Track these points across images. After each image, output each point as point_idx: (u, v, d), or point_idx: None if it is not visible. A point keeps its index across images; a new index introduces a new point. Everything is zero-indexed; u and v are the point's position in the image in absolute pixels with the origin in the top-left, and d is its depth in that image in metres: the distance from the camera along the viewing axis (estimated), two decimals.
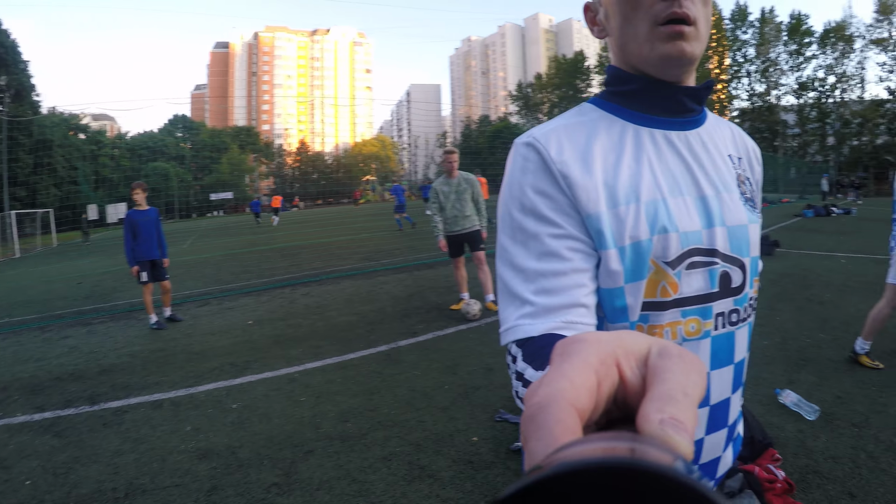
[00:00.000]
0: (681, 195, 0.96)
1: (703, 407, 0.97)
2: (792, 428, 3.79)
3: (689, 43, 0.91)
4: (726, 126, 1.14)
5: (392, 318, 7.08)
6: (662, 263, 0.92)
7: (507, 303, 0.89)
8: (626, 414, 0.31)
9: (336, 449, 3.65)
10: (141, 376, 5.32)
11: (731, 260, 0.98)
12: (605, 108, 1.02)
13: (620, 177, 0.93)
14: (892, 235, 4.97)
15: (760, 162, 1.19)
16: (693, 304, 0.94)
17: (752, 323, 1.07)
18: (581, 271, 0.88)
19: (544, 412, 0.28)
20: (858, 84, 59.99)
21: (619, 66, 1.03)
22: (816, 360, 5.11)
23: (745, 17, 66.95)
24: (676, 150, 0.99)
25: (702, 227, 0.95)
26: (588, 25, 1.07)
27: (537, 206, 0.90)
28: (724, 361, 0.98)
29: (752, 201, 1.08)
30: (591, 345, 0.32)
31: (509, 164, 0.97)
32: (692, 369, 0.31)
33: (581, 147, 0.94)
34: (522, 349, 0.81)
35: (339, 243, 17.95)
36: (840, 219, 21.78)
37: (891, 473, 3.19)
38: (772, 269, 9.90)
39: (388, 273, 10.93)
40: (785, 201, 36.95)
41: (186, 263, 14.85)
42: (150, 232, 7.60)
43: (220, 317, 7.75)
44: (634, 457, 0.22)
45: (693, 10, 0.90)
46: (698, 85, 1.02)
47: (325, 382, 4.89)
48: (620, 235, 0.90)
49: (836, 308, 6.98)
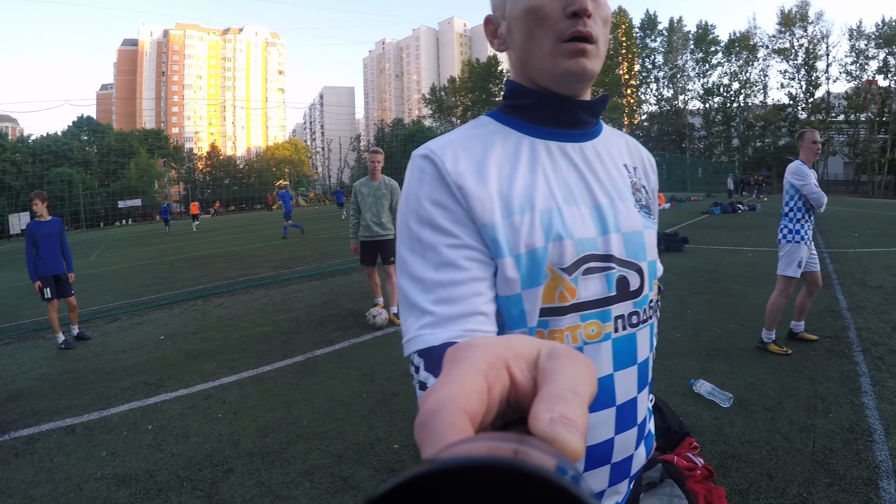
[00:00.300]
0: (575, 204, 0.99)
1: (610, 407, 1.00)
2: (708, 416, 4.03)
3: (590, 60, 0.97)
4: (621, 137, 1.19)
5: (308, 328, 7.12)
6: (559, 270, 0.95)
7: (407, 313, 0.91)
8: (521, 416, 0.31)
9: (256, 466, 3.67)
10: (51, 400, 5.18)
11: (628, 264, 1.02)
12: (501, 120, 1.05)
13: (515, 187, 0.95)
14: (780, 229, 5.37)
15: (655, 171, 1.25)
16: (592, 308, 0.97)
17: (654, 324, 1.13)
18: (479, 280, 0.91)
19: (436, 417, 0.28)
20: (761, 90, 63.64)
21: (517, 81, 1.06)
22: (728, 349, 5.47)
23: (654, 26, 69.73)
24: (571, 160, 1.03)
25: (597, 233, 0.99)
26: (488, 38, 1.10)
27: (434, 217, 0.92)
28: (627, 362, 1.01)
29: (648, 208, 1.14)
30: (481, 350, 0.33)
31: (407, 176, 0.99)
32: (581, 368, 0.32)
33: (477, 159, 0.97)
34: (424, 359, 0.84)
35: (252, 251, 17.71)
36: (745, 215, 23.10)
37: (806, 452, 3.45)
38: (682, 265, 10.46)
39: (302, 281, 10.93)
40: (693, 199, 38.29)
41: (94, 276, 14.29)
42: (53, 245, 7.25)
43: (132, 333, 7.58)
44: (517, 458, 0.23)
45: (595, 29, 0.96)
46: (593, 99, 1.07)
47: (242, 397, 4.90)
48: (516, 244, 0.93)
49: (745, 299, 7.50)
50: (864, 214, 22.85)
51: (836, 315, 6.58)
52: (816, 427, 3.77)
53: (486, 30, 1.10)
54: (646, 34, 70.25)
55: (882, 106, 52.35)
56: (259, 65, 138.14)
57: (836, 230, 16.31)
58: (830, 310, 6.82)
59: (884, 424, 3.78)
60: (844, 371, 4.78)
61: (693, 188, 52.80)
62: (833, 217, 20.59)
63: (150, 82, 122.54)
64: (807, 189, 5.16)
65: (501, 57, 18.98)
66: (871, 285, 8.18)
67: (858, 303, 7.12)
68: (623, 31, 70.03)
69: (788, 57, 59.89)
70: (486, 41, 1.89)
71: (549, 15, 0.95)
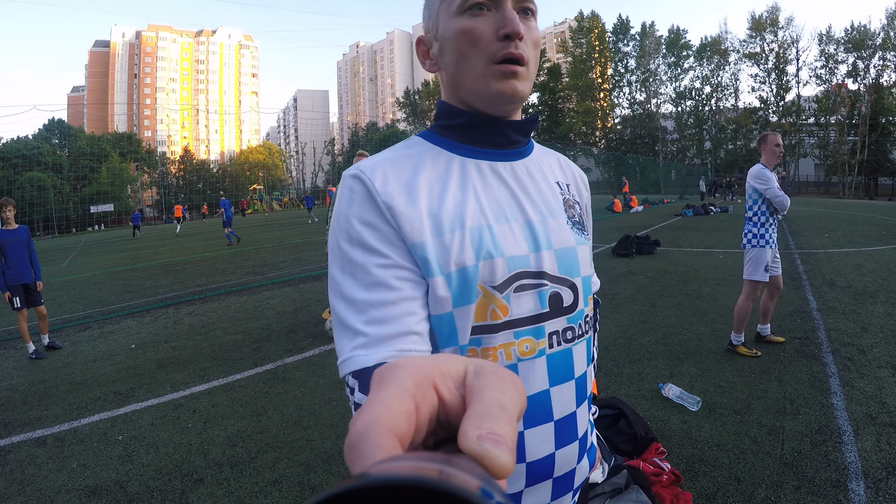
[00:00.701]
0: (507, 221, 0.99)
1: (548, 423, 0.99)
2: (676, 420, 4.04)
3: (521, 82, 0.98)
4: (553, 155, 1.21)
5: (279, 335, 7.08)
6: (490, 288, 0.95)
7: (341, 334, 0.91)
8: (452, 433, 0.32)
9: (226, 475, 3.66)
10: (22, 411, 5.10)
11: (561, 281, 1.02)
12: (433, 140, 1.07)
13: (445, 206, 0.96)
14: (744, 233, 5.41)
15: (588, 187, 1.26)
16: (525, 324, 0.97)
17: (592, 338, 1.14)
18: (411, 299, 0.90)
19: (364, 439, 0.28)
20: (732, 94, 64.55)
21: (448, 101, 1.08)
22: (697, 352, 5.50)
23: (626, 31, 70.47)
24: (502, 179, 1.04)
25: (529, 250, 0.99)
26: (420, 59, 1.11)
27: (364, 236, 0.92)
28: (563, 378, 1.01)
29: (581, 224, 1.14)
30: (407, 370, 0.33)
31: (338, 196, 0.99)
32: (508, 385, 0.33)
33: (406, 178, 0.97)
34: (359, 380, 0.84)
35: (224, 257, 17.57)
36: (718, 217, 23.28)
37: (774, 455, 3.47)
38: (653, 268, 10.56)
39: (274, 287, 10.86)
40: (666, 202, 38.64)
41: (65, 284, 14.10)
42: (21, 253, 7.12)
43: (102, 341, 7.49)
44: (440, 478, 0.23)
45: (526, 52, 0.97)
46: (524, 118, 1.08)
47: (212, 406, 4.86)
48: (446, 262, 0.93)
49: (715, 301, 7.57)
50: (834, 215, 23.20)
51: (805, 316, 6.66)
52: (785, 429, 3.80)
53: (417, 50, 1.11)
54: (618, 38, 70.89)
55: (851, 109, 53.36)
56: (232, 67, 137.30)
57: (806, 231, 16.54)
58: (800, 311, 6.90)
59: (853, 425, 3.82)
60: (814, 372, 4.83)
61: (666, 191, 53.43)
62: (804, 218, 20.93)
63: (123, 84, 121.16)
64: (770, 193, 5.21)
65: None
66: (841, 285, 8.30)
67: (828, 303, 7.22)
68: (596, 36, 70.59)
69: (759, 61, 60.81)
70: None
71: (481, 37, 0.96)
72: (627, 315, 7.09)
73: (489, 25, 0.96)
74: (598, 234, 17.64)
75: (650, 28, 68.29)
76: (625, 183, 35.27)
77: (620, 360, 5.39)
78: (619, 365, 5.27)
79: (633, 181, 51.45)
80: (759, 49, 60.86)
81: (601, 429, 3.47)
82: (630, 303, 7.75)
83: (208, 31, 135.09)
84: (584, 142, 71.03)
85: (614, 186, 42.55)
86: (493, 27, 0.96)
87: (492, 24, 0.96)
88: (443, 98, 1.11)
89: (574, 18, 74.42)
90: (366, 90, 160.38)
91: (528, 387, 0.97)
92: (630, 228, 17.58)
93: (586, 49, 70.95)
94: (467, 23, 0.96)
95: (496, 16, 0.96)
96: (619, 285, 9.11)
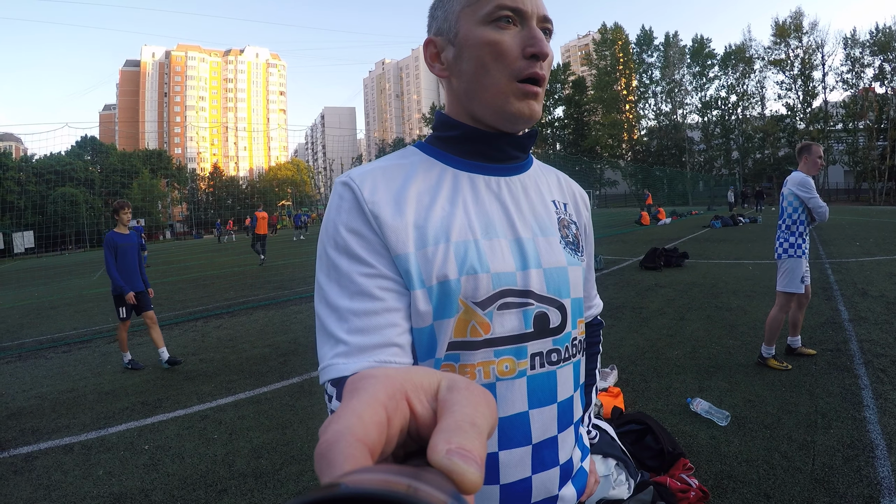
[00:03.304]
0: (495, 237, 0.97)
1: (525, 446, 0.97)
2: (705, 435, 3.96)
3: (538, 103, 0.98)
4: (552, 173, 1.20)
5: (305, 349, 7.08)
6: (472, 303, 0.93)
7: (323, 341, 0.91)
8: (422, 446, 0.32)
9: (250, 487, 3.66)
10: (51, 419, 5.19)
11: (548, 301, 0.99)
12: (427, 151, 1.06)
13: (432, 218, 0.95)
14: (779, 243, 5.28)
15: (588, 206, 1.24)
16: (506, 343, 0.95)
17: (581, 361, 1.10)
18: (393, 311, 0.90)
19: (333, 449, 0.28)
20: (759, 102, 63.81)
21: (449, 111, 1.07)
22: (727, 366, 5.40)
23: (650, 41, 70.05)
24: (495, 194, 1.02)
25: (516, 268, 0.97)
26: (427, 61, 1.08)
27: (350, 244, 0.91)
28: (544, 401, 0.98)
29: (575, 244, 1.11)
30: (380, 381, 0.33)
31: (329, 202, 0.99)
32: (480, 401, 0.33)
33: (396, 189, 0.96)
34: (337, 388, 0.84)
35: (253, 271, 17.72)
36: (747, 227, 22.96)
37: (805, 471, 3.37)
38: (682, 280, 10.43)
39: (301, 301, 10.89)
40: (694, 213, 38.45)
41: (95, 296, 14.31)
42: (132, 259, 6.83)
43: (132, 353, 7.43)
44: (408, 492, 0.23)
45: (546, 74, 0.98)
46: (523, 134, 1.06)
47: (238, 418, 4.88)
48: (428, 275, 0.92)
49: (745, 313, 7.44)
50: (865, 223, 22.78)
51: (837, 327, 6.51)
52: (816, 444, 3.71)
53: (425, 51, 1.08)
54: (642, 49, 70.50)
55: (880, 113, 52.35)
56: (260, 86, 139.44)
57: (837, 240, 16.21)
58: (832, 322, 6.75)
59: (886, 439, 3.72)
60: (846, 385, 4.72)
61: (694, 202, 52.94)
62: (834, 226, 20.51)
63: (153, 103, 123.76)
64: (813, 202, 5.06)
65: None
66: (874, 295, 8.11)
67: (860, 313, 7.06)
68: (620, 47, 70.36)
69: (784, 68, 59.98)
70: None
71: (507, 52, 0.95)
72: (655, 329, 7.01)
73: (516, 41, 0.95)
74: (626, 246, 17.54)
75: (674, 38, 67.80)
76: (647, 195, 35.09)
77: (648, 375, 5.31)
78: (647, 379, 5.20)
79: (661, 193, 51.13)
80: (783, 55, 60.04)
81: (627, 444, 3.43)
82: (658, 316, 7.67)
83: (236, 51, 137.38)
84: (611, 154, 70.71)
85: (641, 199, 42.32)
86: (520, 44, 0.95)
87: (518, 41, 0.95)
88: (446, 105, 1.10)
89: (597, 31, 74.33)
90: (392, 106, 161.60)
91: (506, 407, 0.95)
92: (658, 241, 17.46)
93: (610, 61, 70.71)
94: (494, 34, 0.95)
95: (522, 32, 0.96)
96: (647, 298, 9.01)
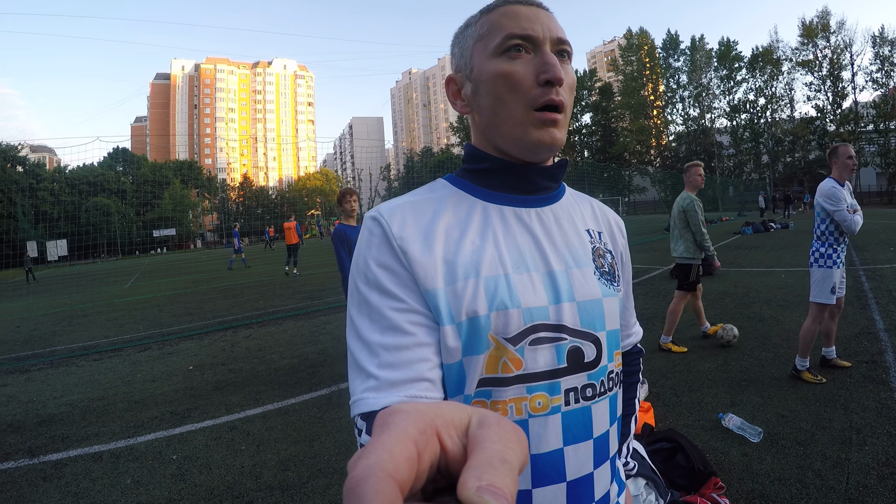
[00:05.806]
0: (527, 271, 0.96)
1: (560, 483, 0.94)
2: (737, 452, 3.86)
3: (560, 130, 0.96)
4: (586, 201, 1.18)
5: (334, 360, 7.10)
6: (502, 339, 0.91)
7: (354, 375, 0.89)
8: (451, 483, 0.31)
9: (276, 499, 3.65)
10: (80, 427, 5.25)
11: (582, 335, 0.97)
12: (457, 184, 1.05)
13: (462, 253, 0.93)
14: (811, 252, 5.20)
15: (624, 234, 1.21)
16: (539, 379, 0.93)
17: (618, 394, 1.07)
18: (424, 345, 0.88)
19: (363, 485, 0.28)
20: (788, 104, 63.05)
21: (477, 144, 1.06)
22: (759, 379, 5.29)
23: (676, 46, 69.61)
24: (526, 226, 1.00)
25: (548, 302, 0.95)
26: (450, 99, 1.09)
27: (380, 279, 0.91)
28: (579, 437, 0.96)
29: (611, 275, 1.08)
30: (411, 416, 0.33)
31: (359, 237, 0.98)
32: (511, 437, 0.33)
33: (425, 224, 0.95)
34: (367, 422, 0.82)
35: (282, 281, 17.83)
36: (779, 233, 22.59)
37: (839, 490, 3.27)
38: (712, 290, 10.23)
39: (331, 312, 10.92)
40: (725, 220, 38.05)
41: (127, 305, 14.56)
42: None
43: (162, 362, 7.65)
44: None
45: (565, 98, 0.95)
46: (552, 164, 1.06)
47: (266, 429, 4.89)
48: (458, 311, 0.90)
49: (777, 324, 7.29)
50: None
51: (872, 337, 6.35)
52: (851, 461, 3.61)
53: (447, 90, 1.09)
54: (669, 54, 70.19)
55: None
56: (289, 97, 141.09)
57: (871, 245, 15.80)
58: (867, 332, 6.59)
59: None
60: (881, 399, 4.59)
61: (724, 208, 52.35)
62: (867, 231, 19.94)
63: (183, 115, 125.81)
64: (839, 216, 4.95)
65: None
66: None
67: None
68: (646, 52, 70.05)
69: (813, 69, 59.16)
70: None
71: (520, 82, 0.94)
72: (686, 341, 6.91)
73: (528, 69, 0.94)
74: (656, 255, 17.36)
75: (700, 41, 67.42)
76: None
77: (679, 389, 5.23)
78: (678, 393, 5.12)
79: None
80: (811, 56, 59.31)
81: (657, 462, 3.38)
82: (689, 327, 7.53)
83: (264, 63, 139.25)
84: (639, 161, 70.30)
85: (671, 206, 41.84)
86: (534, 71, 0.94)
87: (531, 69, 0.94)
88: (472, 140, 1.09)
89: (623, 36, 74.07)
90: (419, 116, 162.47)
91: (540, 444, 0.93)
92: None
93: (637, 66, 70.46)
94: (506, 66, 0.95)
95: (535, 59, 0.95)
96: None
